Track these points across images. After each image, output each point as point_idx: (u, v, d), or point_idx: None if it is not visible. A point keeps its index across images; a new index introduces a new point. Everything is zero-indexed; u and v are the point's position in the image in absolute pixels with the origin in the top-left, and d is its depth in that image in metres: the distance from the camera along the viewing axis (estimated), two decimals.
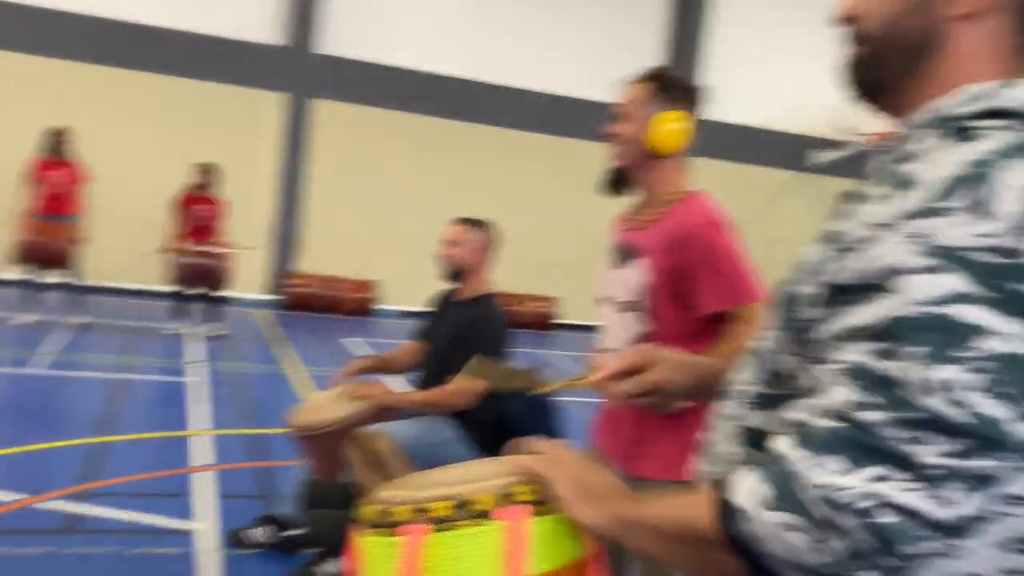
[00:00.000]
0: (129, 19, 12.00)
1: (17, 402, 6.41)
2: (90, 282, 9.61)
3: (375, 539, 1.10)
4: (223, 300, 9.89)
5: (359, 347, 9.90)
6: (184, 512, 4.39)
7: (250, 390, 7.33)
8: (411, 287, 10.88)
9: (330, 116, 13.03)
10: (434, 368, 3.68)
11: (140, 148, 11.92)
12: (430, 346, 3.81)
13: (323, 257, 12.94)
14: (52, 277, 9.16)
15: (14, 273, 9.27)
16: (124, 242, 10.70)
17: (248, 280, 11.81)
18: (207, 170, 9.60)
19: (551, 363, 3.68)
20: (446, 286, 3.90)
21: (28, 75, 11.69)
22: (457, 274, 3.78)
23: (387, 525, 1.08)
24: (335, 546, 3.37)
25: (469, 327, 3.65)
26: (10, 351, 7.70)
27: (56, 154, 9.08)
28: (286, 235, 12.98)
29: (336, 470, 3.68)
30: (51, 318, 9.10)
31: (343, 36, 13.00)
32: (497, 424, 3.49)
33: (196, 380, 7.35)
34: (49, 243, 8.78)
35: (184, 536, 4.09)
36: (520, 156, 13.88)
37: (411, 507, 1.07)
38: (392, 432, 3.36)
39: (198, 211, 9.53)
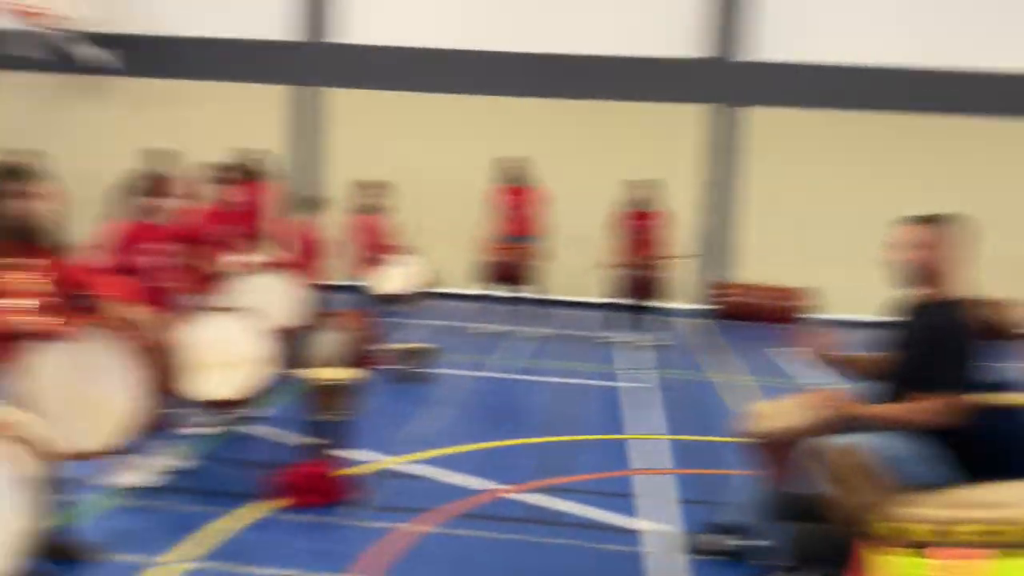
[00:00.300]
0: (558, 52, 12.83)
1: (481, 401, 7.13)
2: (547, 296, 10.37)
3: (899, 559, 1.01)
4: (663, 311, 10.17)
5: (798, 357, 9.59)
6: (631, 511, 4.54)
7: (691, 397, 7.41)
8: (853, 294, 10.30)
9: (760, 122, 12.81)
10: (899, 381, 3.37)
11: (580, 170, 12.65)
12: (894, 357, 3.49)
13: (758, 265, 12.73)
14: (513, 292, 10.05)
15: (476, 288, 10.31)
16: (571, 259, 11.39)
17: (683, 291, 11.98)
18: (646, 186, 9.93)
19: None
20: (906, 292, 3.54)
21: (480, 112, 13.01)
22: (917, 279, 3.42)
23: (912, 544, 0.98)
24: (812, 560, 3.21)
25: (929, 338, 3.30)
26: (471, 357, 8.57)
27: (514, 181, 9.97)
28: (718, 245, 13.00)
29: (789, 479, 3.55)
30: (509, 328, 9.96)
31: (769, 41, 12.74)
32: (982, 442, 3.11)
33: (635, 386, 7.60)
34: (511, 262, 9.73)
35: (632, 535, 4.22)
36: (977, 146, 12.45)
37: (953, 528, 0.96)
38: (856, 445, 3.14)
39: (639, 226, 9.89)
